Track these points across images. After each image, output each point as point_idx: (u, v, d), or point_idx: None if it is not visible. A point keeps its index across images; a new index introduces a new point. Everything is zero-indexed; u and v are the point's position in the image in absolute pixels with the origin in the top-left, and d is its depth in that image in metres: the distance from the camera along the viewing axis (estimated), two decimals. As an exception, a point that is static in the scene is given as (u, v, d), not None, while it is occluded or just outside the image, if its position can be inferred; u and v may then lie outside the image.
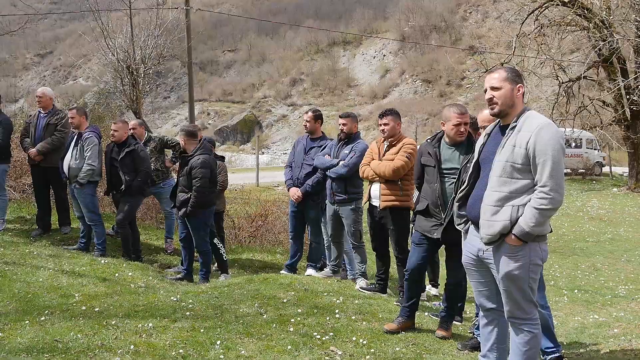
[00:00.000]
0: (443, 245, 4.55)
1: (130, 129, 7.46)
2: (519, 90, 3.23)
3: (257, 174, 22.20)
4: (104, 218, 8.47)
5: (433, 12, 76.33)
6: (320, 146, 6.34)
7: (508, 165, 3.09)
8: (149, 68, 15.62)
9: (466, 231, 3.43)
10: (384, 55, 77.00)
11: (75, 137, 6.71)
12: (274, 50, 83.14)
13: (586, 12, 20.45)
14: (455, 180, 4.20)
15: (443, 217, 4.25)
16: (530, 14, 22.25)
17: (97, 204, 6.92)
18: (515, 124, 3.16)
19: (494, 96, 3.24)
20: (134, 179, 6.60)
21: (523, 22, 22.36)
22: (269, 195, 15.69)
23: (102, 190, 7.67)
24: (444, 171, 4.32)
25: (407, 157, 5.10)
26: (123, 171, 6.59)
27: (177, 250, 7.68)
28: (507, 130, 3.19)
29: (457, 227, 3.49)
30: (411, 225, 5.57)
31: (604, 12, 20.01)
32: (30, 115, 7.54)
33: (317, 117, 6.45)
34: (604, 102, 21.73)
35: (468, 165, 4.09)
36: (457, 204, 3.47)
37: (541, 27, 22.01)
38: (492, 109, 3.27)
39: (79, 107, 6.97)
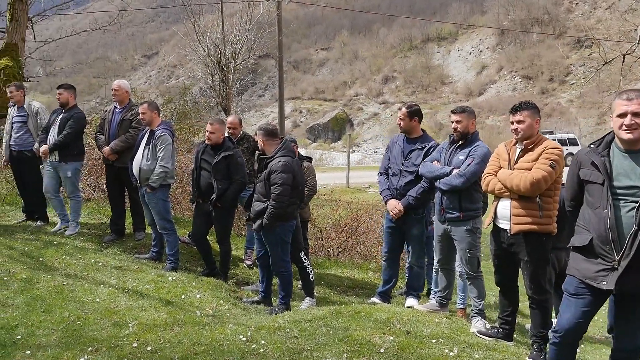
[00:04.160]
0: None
1: (228, 128, 6.56)
2: None
3: (348, 175, 21.21)
4: (182, 224, 7.85)
5: (535, 4, 71.70)
6: (422, 148, 5.13)
7: None
8: (239, 63, 15.18)
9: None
10: (481, 51, 73.53)
11: (147, 135, 6.00)
12: (366, 47, 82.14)
13: None
14: (638, 205, 2.88)
15: (617, 258, 2.92)
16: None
17: (170, 210, 6.18)
18: None
19: None
20: (228, 188, 5.72)
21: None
22: (359, 198, 14.63)
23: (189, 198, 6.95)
24: (618, 191, 2.97)
25: (551, 165, 3.80)
26: (216, 178, 5.70)
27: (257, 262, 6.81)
28: None
29: None
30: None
31: None
32: (105, 111, 6.97)
33: (413, 114, 5.21)
34: None
35: None
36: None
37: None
38: None
39: (150, 102, 6.24)
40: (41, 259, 5.58)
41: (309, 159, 6.66)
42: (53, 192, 6.77)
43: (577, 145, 32.30)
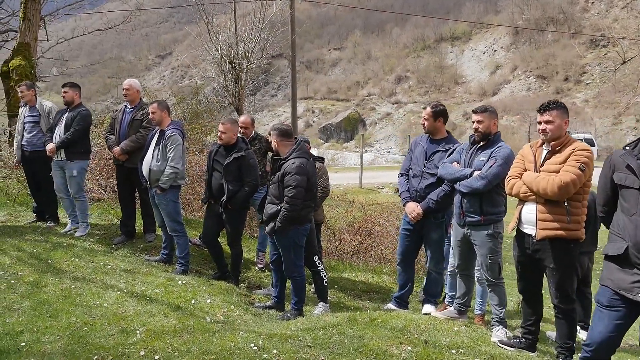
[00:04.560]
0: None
1: (240, 127, 6.36)
2: None
3: (361, 175, 21.00)
4: (193, 226, 7.73)
5: (550, 4, 70.82)
6: (446, 150, 4.94)
7: None
8: (251, 63, 15.07)
9: None
10: (495, 51, 72.81)
11: (157, 135, 5.87)
12: (379, 47, 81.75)
13: None
14: None
15: None
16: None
17: (180, 212, 6.04)
18: None
19: None
20: (239, 190, 5.57)
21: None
22: (373, 198, 14.42)
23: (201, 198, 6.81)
24: None
25: (580, 168, 3.59)
26: (227, 179, 5.56)
27: (270, 266, 6.66)
28: None
29: None
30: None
31: None
32: (116, 110, 6.86)
33: (438, 114, 5.04)
34: None
35: None
36: None
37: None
38: None
39: (160, 101, 6.10)
40: (50, 261, 5.47)
41: (322, 160, 6.49)
42: (65, 192, 6.68)
43: (594, 145, 31.83)
